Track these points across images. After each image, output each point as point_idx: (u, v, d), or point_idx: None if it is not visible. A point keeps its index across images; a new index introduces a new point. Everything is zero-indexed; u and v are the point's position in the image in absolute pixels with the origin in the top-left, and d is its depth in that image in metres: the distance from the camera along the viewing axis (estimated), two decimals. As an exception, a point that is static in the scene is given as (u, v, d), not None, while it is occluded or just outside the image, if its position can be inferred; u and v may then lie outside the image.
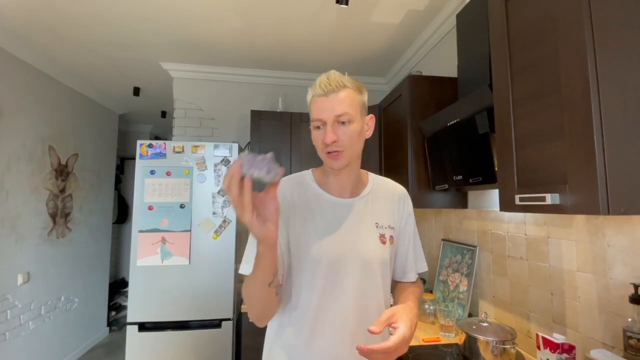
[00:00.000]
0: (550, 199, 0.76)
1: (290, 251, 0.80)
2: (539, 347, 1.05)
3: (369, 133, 0.85)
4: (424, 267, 0.98)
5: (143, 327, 1.88)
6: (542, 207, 0.79)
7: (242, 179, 0.58)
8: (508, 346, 1.14)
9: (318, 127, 0.79)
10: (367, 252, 0.82)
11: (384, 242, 0.85)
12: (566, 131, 0.74)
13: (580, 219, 1.06)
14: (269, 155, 0.60)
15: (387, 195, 0.91)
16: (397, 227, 0.90)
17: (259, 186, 0.59)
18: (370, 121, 0.84)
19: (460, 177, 1.37)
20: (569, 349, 0.99)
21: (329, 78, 0.78)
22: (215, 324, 1.93)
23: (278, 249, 0.77)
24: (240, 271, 0.79)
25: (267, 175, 0.58)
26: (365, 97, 0.83)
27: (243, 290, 0.77)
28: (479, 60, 1.25)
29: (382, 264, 0.84)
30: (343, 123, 0.77)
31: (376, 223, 0.85)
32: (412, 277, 0.94)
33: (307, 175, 0.90)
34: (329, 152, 0.78)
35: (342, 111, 0.77)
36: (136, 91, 3.12)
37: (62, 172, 2.82)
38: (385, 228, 0.86)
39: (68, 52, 2.41)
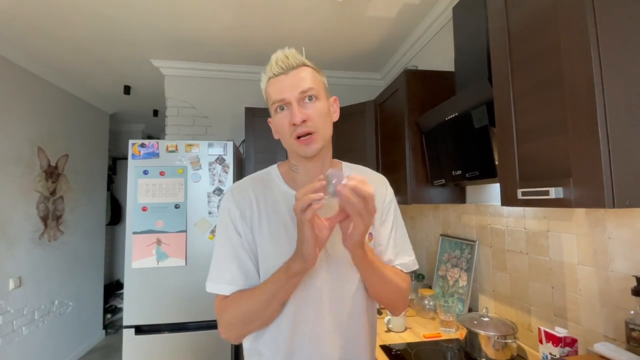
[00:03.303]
0: (553, 193, 0.75)
1: (259, 262, 0.73)
2: (541, 341, 1.05)
3: (335, 115, 0.77)
4: (412, 263, 0.82)
5: (139, 330, 1.85)
6: (546, 202, 0.78)
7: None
8: (509, 341, 1.14)
9: (281, 109, 0.71)
10: (338, 256, 0.72)
11: None
12: (569, 124, 0.73)
13: (580, 212, 1.06)
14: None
15: None
16: (376, 222, 0.79)
17: None
18: (335, 103, 0.78)
19: (459, 172, 1.36)
20: (571, 342, 0.99)
21: (287, 55, 0.71)
22: (213, 325, 1.91)
23: (248, 259, 0.72)
24: (216, 291, 0.72)
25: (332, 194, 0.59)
26: (325, 79, 0.77)
27: (236, 308, 0.69)
28: (477, 53, 1.23)
29: (359, 266, 0.73)
30: (310, 99, 0.69)
31: None
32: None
33: (273, 171, 0.80)
34: (299, 137, 0.69)
35: (307, 86, 0.69)
36: (127, 90, 3.06)
37: (52, 173, 2.76)
38: None
39: (55, 50, 2.34)
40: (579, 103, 0.71)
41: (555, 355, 0.99)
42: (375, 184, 0.81)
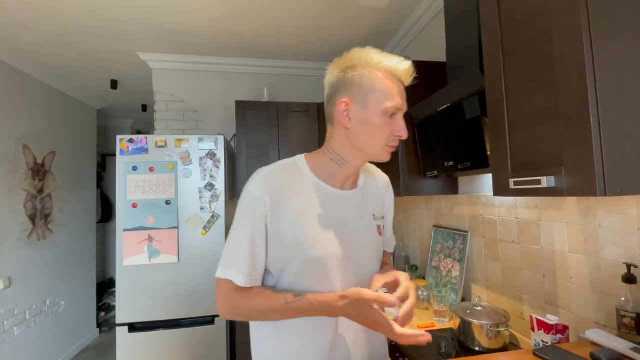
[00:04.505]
0: (545, 182, 0.74)
1: (284, 249, 0.72)
2: (533, 329, 1.06)
3: None
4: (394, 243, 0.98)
5: (133, 327, 1.83)
6: (538, 191, 0.78)
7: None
8: (502, 329, 1.15)
9: (391, 115, 0.72)
10: (368, 249, 0.78)
11: (380, 234, 0.81)
12: (561, 112, 0.72)
13: (571, 200, 1.07)
14: None
15: (377, 184, 0.87)
16: (385, 217, 0.88)
17: None
18: None
19: (451, 163, 1.36)
20: (562, 329, 1.00)
21: (412, 75, 0.74)
22: (208, 320, 1.90)
23: (263, 253, 0.72)
24: (231, 278, 0.70)
25: None
26: None
27: (253, 309, 0.71)
28: (469, 42, 1.22)
29: (379, 259, 0.81)
30: None
31: (373, 215, 0.81)
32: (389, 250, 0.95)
33: (300, 163, 0.78)
34: (388, 145, 0.74)
35: None
36: (114, 84, 2.98)
37: (38, 171, 2.70)
38: (379, 219, 0.83)
39: (38, 44, 2.27)
40: (570, 91, 0.70)
41: (547, 343, 1.00)
42: (382, 181, 0.90)
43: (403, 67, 0.72)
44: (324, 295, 0.67)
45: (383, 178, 0.91)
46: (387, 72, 0.71)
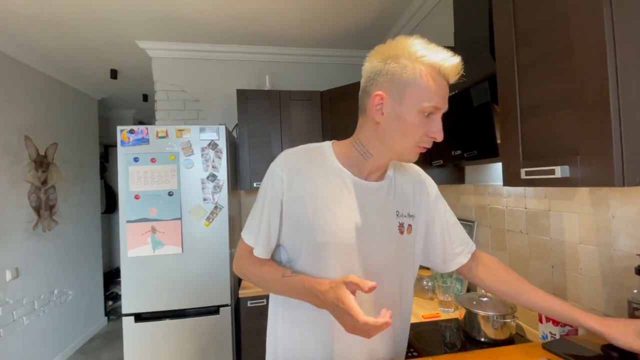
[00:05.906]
0: (559, 171, 0.71)
1: (297, 229, 0.72)
2: (541, 321, 1.05)
3: None
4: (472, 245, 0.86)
5: (139, 317, 1.85)
6: (551, 181, 0.74)
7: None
8: (508, 320, 1.14)
9: (427, 114, 0.67)
10: (382, 246, 0.74)
11: (401, 232, 0.76)
12: (577, 98, 0.68)
13: (583, 191, 1.03)
14: None
15: (407, 180, 0.82)
16: (417, 215, 0.80)
17: None
18: None
19: (458, 152, 1.32)
20: (571, 321, 0.98)
21: (459, 72, 0.68)
22: (213, 310, 1.91)
23: (276, 229, 0.74)
24: (244, 237, 0.77)
25: None
26: None
27: (256, 274, 0.75)
28: (478, 25, 1.16)
29: (398, 258, 0.76)
30: None
31: (397, 211, 0.77)
32: (464, 258, 0.84)
33: (326, 148, 0.77)
34: (418, 145, 0.70)
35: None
36: (113, 74, 2.94)
37: (41, 163, 2.69)
38: (405, 217, 0.78)
39: (37, 34, 2.23)
40: (589, 75, 0.66)
41: (555, 335, 0.99)
42: (416, 176, 0.85)
43: (450, 63, 0.66)
44: (316, 280, 0.67)
45: (416, 174, 0.84)
46: (431, 67, 0.66)
